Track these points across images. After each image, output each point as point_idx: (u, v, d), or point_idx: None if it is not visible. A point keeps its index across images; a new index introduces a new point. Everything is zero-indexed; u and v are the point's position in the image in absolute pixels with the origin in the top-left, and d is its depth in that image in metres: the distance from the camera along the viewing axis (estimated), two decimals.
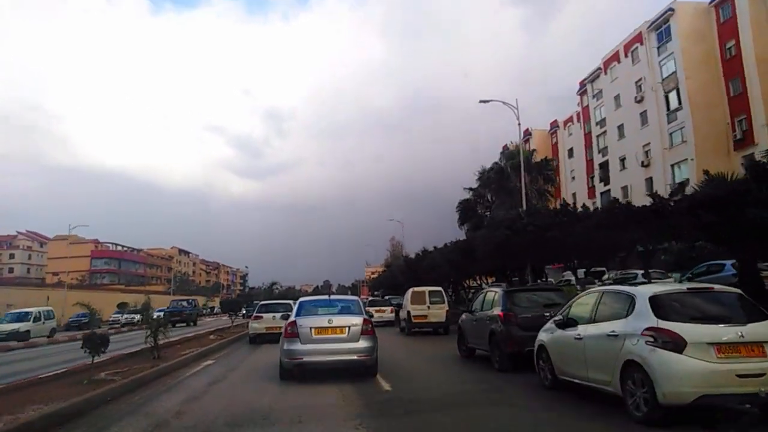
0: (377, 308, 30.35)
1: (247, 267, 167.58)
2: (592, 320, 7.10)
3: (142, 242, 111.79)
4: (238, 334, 22.82)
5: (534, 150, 36.60)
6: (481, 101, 22.88)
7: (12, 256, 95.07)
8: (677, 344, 5.60)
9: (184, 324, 35.28)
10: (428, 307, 20.85)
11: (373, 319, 27.28)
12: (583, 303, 7.69)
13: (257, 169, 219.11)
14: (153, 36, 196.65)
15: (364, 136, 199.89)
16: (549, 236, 16.97)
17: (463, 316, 13.00)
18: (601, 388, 6.60)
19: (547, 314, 10.03)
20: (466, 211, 34.04)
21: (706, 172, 12.79)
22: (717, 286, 6.94)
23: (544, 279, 33.81)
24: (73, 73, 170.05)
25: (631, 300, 6.44)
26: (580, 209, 19.18)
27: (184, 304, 41.93)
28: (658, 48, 40.38)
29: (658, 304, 6.09)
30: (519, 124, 23.39)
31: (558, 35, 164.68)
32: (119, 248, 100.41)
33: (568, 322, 7.63)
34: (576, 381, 7.36)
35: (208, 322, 44.44)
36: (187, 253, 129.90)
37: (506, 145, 38.47)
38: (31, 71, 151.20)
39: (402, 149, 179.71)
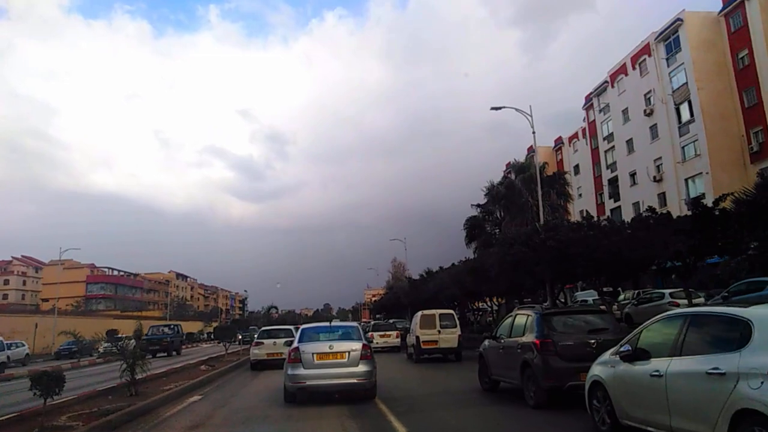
0: (382, 333, 28.44)
1: (246, 291, 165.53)
2: (677, 353, 5.39)
3: (141, 266, 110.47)
4: (232, 362, 21.01)
5: (545, 163, 34.95)
6: (492, 108, 21.47)
7: (6, 282, 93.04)
8: None
9: (165, 354, 31.62)
10: (439, 331, 19.11)
11: (377, 345, 26.06)
12: (659, 330, 6.01)
13: (257, 192, 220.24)
14: (155, 59, 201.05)
15: (364, 159, 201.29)
16: (572, 252, 15.28)
17: (486, 342, 11.14)
18: None
19: (593, 341, 8.48)
20: (474, 228, 32.35)
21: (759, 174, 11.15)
22: None
23: (562, 300, 31.93)
24: (75, 97, 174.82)
25: (744, 326, 4.71)
26: (604, 222, 17.46)
27: (165, 330, 36.39)
28: (668, 59, 39.22)
29: None
30: (534, 132, 21.93)
31: (557, 56, 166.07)
32: (116, 273, 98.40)
33: (638, 354, 5.94)
34: (649, 429, 5.66)
35: (203, 349, 42.24)
36: (185, 277, 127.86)
37: (510, 162, 36.94)
38: (34, 96, 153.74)
39: (402, 172, 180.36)
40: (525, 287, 22.14)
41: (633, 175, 44.56)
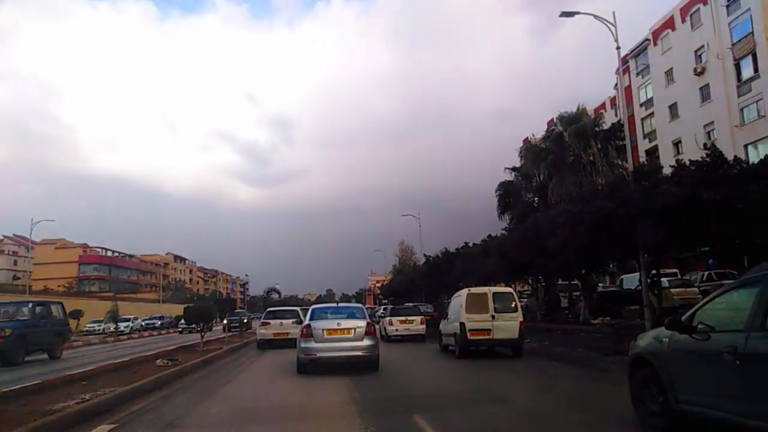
0: (402, 318, 23.72)
1: (247, 275, 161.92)
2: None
3: (145, 249, 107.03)
4: (208, 354, 15.88)
5: (601, 112, 29.89)
6: (563, 14, 16.45)
7: None
8: None
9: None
10: (492, 316, 14.34)
11: (396, 333, 23.56)
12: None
13: (263, 176, 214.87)
14: (160, 42, 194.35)
15: (370, 143, 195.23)
16: (702, 202, 10.64)
17: (665, 339, 5.39)
18: None
19: None
20: (508, 196, 27.46)
21: None
22: None
23: (602, 284, 27.22)
24: (80, 80, 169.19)
25: None
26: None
27: (11, 310, 18.07)
28: (728, 6, 34.17)
29: None
30: (618, 48, 16.98)
31: (565, 43, 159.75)
32: (110, 254, 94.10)
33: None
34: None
35: (178, 336, 34.93)
36: (183, 259, 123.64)
37: (553, 118, 31.82)
38: (39, 78, 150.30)
39: (408, 157, 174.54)
40: (604, 257, 17.40)
41: (677, 143, 39.73)
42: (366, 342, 11.26)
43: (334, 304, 14.34)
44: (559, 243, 15.70)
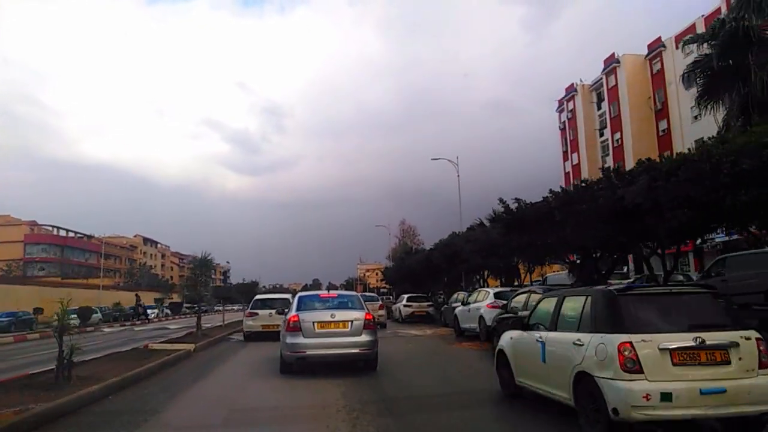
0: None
1: (228, 262, 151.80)
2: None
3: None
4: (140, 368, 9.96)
5: None
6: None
7: None
8: None
9: None
10: None
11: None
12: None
13: (252, 165, 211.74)
14: (148, 27, 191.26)
15: (362, 134, 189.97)
16: None
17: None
18: None
19: None
20: (716, 79, 15.41)
21: None
22: None
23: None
24: (66, 65, 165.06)
25: None
26: None
27: None
28: None
29: None
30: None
31: (561, 35, 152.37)
32: (63, 233, 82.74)
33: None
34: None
35: (109, 335, 25.44)
36: (154, 243, 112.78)
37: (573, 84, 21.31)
38: (24, 63, 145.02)
39: (401, 148, 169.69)
40: None
41: None
42: (364, 337, 9.62)
43: (325, 292, 11.90)
44: None
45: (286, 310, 11.24)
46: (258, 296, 21.02)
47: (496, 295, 14.83)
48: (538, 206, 14.96)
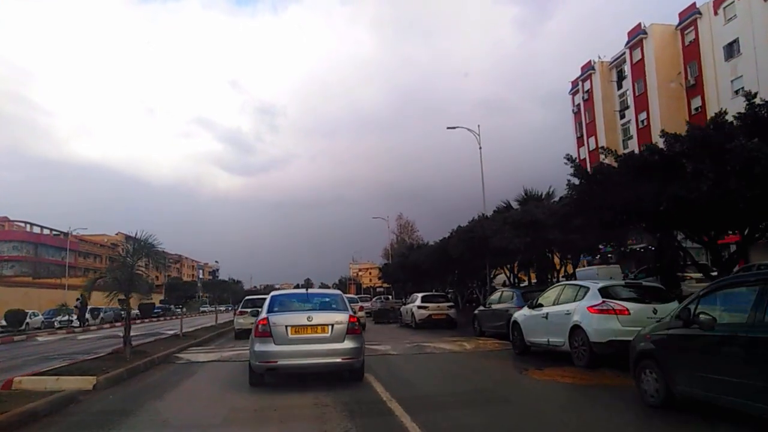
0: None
1: (217, 261, 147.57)
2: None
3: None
4: None
5: None
6: None
7: None
8: None
9: None
10: None
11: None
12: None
13: (244, 165, 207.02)
14: (139, 25, 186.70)
15: (355, 134, 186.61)
16: None
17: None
18: None
19: None
20: None
21: None
22: None
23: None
24: (56, 63, 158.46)
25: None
26: None
27: None
28: None
29: None
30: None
31: (554, 33, 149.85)
32: (37, 230, 77.18)
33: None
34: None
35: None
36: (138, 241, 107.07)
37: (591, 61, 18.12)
38: (13, 61, 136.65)
39: (394, 148, 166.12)
40: None
41: None
42: (348, 344, 7.95)
43: (303, 291, 9.78)
44: None
45: (259, 311, 9.39)
46: (248, 296, 22.67)
47: (601, 293, 9.24)
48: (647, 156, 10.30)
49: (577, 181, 12.37)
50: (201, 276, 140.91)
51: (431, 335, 16.84)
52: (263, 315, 8.33)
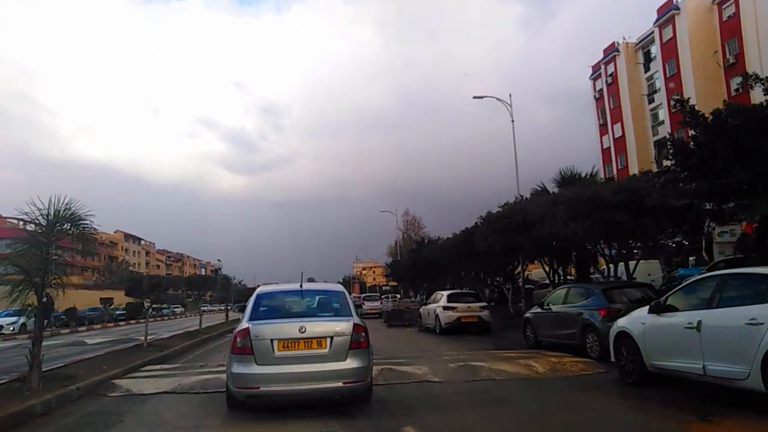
0: None
1: (219, 260, 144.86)
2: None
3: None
4: None
5: None
6: None
7: None
8: None
9: None
10: None
11: None
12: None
13: (248, 165, 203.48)
14: (143, 25, 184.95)
15: (358, 133, 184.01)
16: None
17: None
18: None
19: None
20: None
21: None
22: None
23: None
24: (61, 63, 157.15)
25: None
26: None
27: None
28: None
29: None
30: None
31: (558, 33, 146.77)
32: (30, 227, 74.54)
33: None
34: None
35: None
36: (137, 239, 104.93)
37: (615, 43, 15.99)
38: (17, 61, 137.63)
39: (398, 147, 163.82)
40: None
41: None
42: (351, 363, 5.97)
43: (296, 286, 7.05)
44: None
45: (242, 314, 7.40)
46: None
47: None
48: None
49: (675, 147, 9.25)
50: (203, 274, 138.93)
51: (468, 346, 13.56)
52: (243, 323, 6.36)
